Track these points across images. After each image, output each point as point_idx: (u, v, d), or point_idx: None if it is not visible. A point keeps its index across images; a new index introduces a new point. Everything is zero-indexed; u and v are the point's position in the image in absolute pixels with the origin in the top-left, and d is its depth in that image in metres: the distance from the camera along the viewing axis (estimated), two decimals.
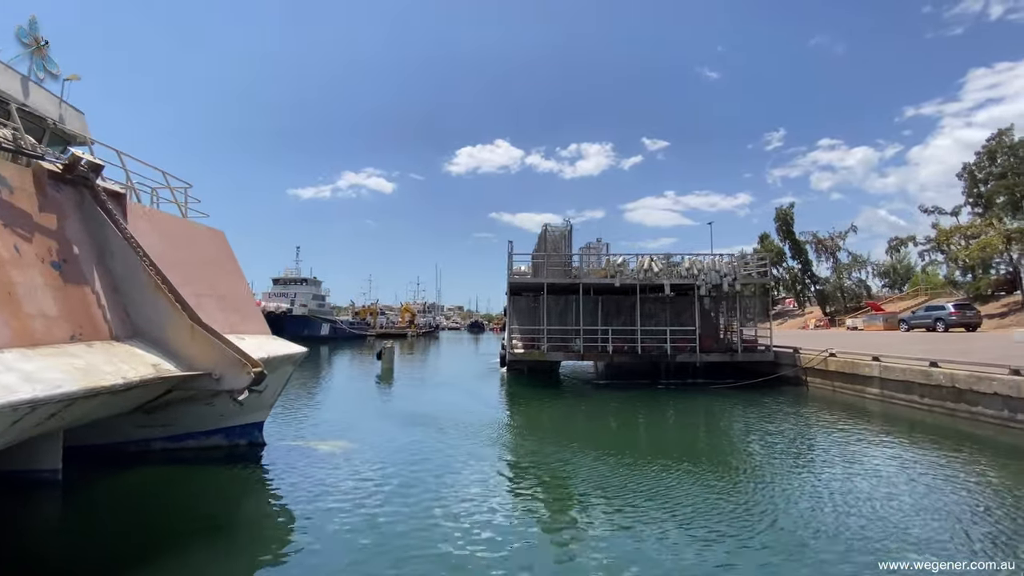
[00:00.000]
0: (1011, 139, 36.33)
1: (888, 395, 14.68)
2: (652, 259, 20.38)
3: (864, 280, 50.66)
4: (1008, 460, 9.20)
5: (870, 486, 7.58)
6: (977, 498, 7.08)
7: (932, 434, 11.47)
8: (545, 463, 8.98)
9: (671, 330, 20.17)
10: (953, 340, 23.01)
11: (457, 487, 7.49)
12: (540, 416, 14.40)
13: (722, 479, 7.98)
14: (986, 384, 11.68)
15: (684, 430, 13.22)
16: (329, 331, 63.54)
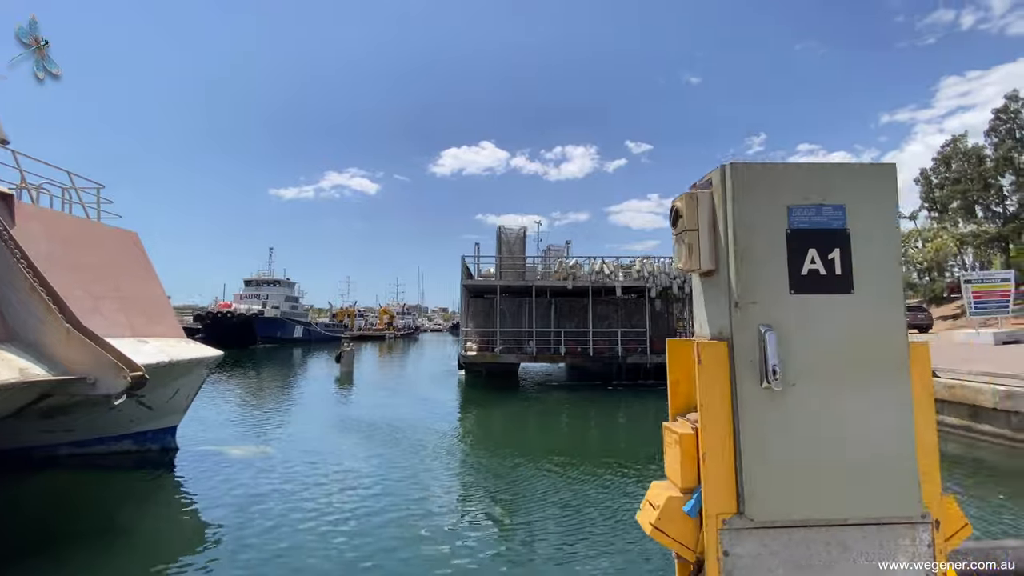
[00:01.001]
0: (965, 146, 37.49)
1: None
2: (604, 262, 20.56)
3: None
4: None
5: None
6: None
7: None
8: (484, 470, 8.94)
9: (623, 332, 20.38)
10: None
11: (375, 494, 7.39)
12: (489, 420, 14.26)
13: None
14: None
15: (632, 431, 13.36)
16: (303, 333, 62.72)
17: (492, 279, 21.26)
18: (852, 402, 1.10)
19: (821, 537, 1.07)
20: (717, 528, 1.06)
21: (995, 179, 34.01)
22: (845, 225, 1.16)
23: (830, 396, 1.10)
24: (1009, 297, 19.60)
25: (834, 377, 1.10)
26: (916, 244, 38.08)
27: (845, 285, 1.14)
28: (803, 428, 1.08)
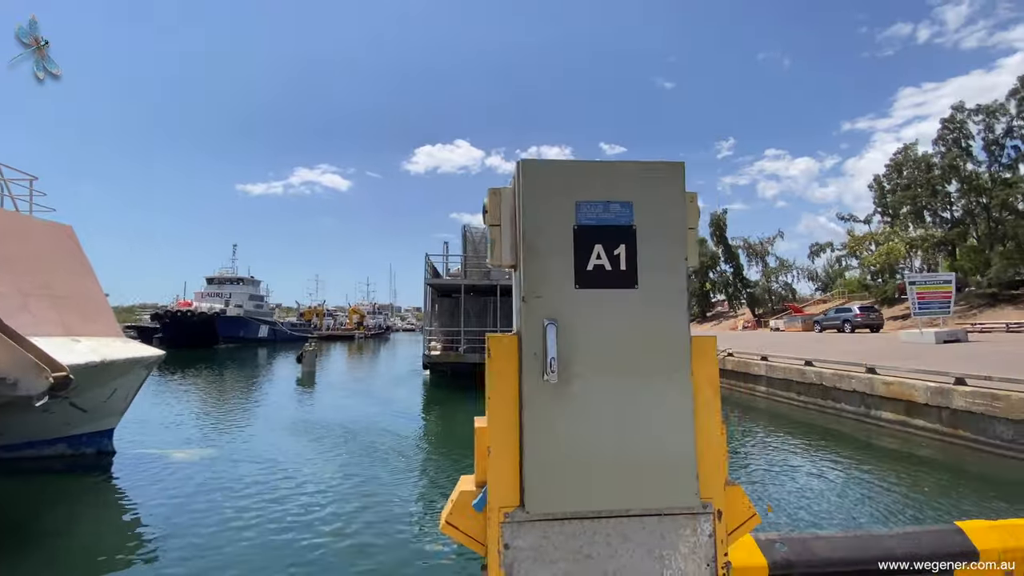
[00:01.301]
0: (915, 154, 39.21)
1: (772, 392, 15.50)
2: None
3: (790, 283, 53.43)
4: (854, 452, 9.92)
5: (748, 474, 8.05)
6: (830, 483, 7.60)
7: (804, 428, 12.23)
8: (439, 472, 8.83)
9: None
10: (851, 340, 24.59)
11: (321, 499, 7.22)
12: (451, 421, 13.96)
13: None
14: (846, 381, 12.50)
15: None
16: (268, 333, 61.27)
17: (458, 278, 21.19)
18: (634, 395, 1.13)
19: (602, 528, 1.09)
20: (499, 521, 1.07)
21: (942, 186, 35.69)
22: (632, 222, 1.19)
23: (612, 389, 1.12)
24: (950, 298, 20.61)
25: (617, 370, 1.13)
26: (869, 247, 39.70)
27: (630, 280, 1.16)
28: (584, 421, 1.10)
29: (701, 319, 63.64)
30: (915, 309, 20.78)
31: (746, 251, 55.56)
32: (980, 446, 9.22)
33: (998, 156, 32.61)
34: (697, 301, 65.05)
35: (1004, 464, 8.60)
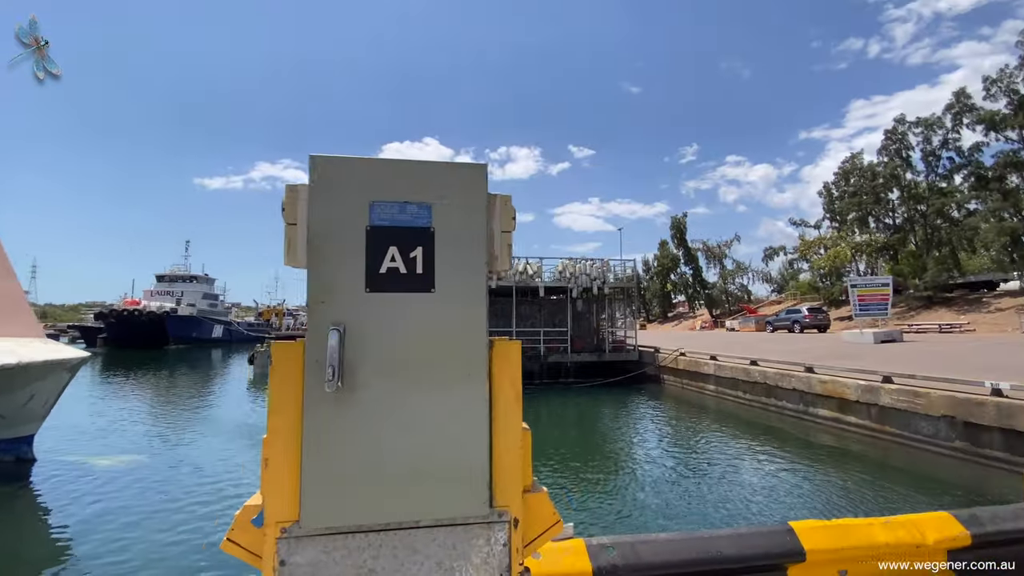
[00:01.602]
0: (861, 163, 41.20)
1: (721, 391, 15.97)
2: (528, 262, 20.77)
3: (745, 285, 55.30)
4: (789, 448, 10.31)
5: (699, 468, 8.29)
6: (767, 476, 7.84)
7: (746, 426, 12.64)
8: None
9: (544, 331, 20.70)
10: (798, 340, 25.63)
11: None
12: None
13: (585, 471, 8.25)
14: (787, 380, 12.99)
15: (551, 429, 13.47)
16: (223, 333, 59.11)
17: None
18: (426, 401, 1.10)
19: (389, 541, 1.05)
20: (275, 537, 1.02)
21: (884, 194, 37.61)
22: (430, 224, 1.16)
23: (402, 396, 1.09)
24: (888, 300, 21.73)
25: (409, 376, 1.10)
26: (819, 251, 41.49)
27: (426, 284, 1.13)
28: (370, 430, 1.06)
29: (662, 319, 65.08)
30: (856, 310, 21.83)
31: (705, 254, 57.21)
32: (904, 441, 9.73)
33: (935, 166, 34.68)
34: (659, 302, 66.55)
35: (924, 458, 9.10)
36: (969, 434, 8.59)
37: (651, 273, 66.44)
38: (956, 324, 26.05)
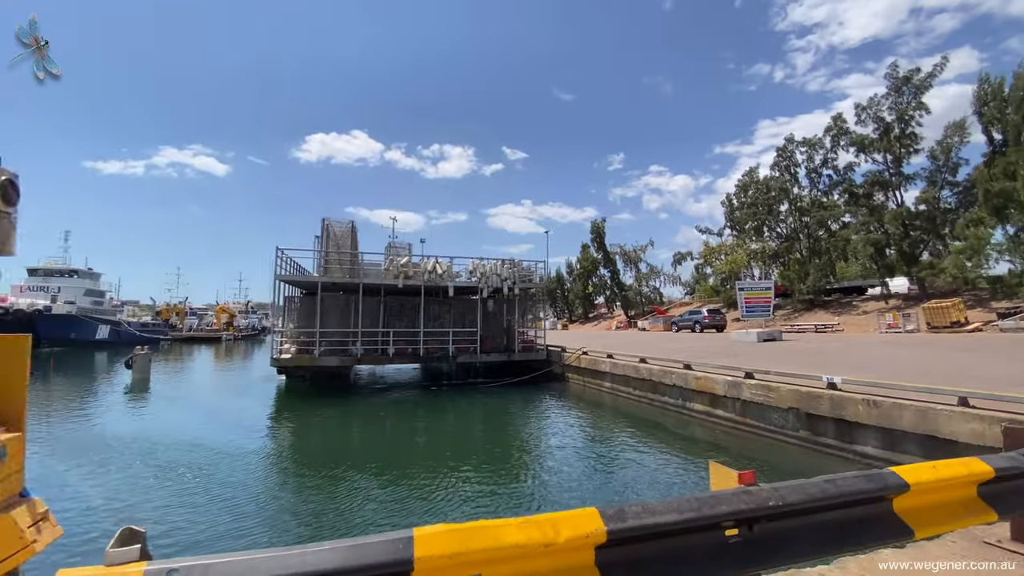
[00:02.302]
0: (757, 177, 44.78)
1: (615, 388, 16.62)
2: (437, 261, 20.48)
3: (658, 288, 58.37)
4: (670, 440, 10.85)
5: (593, 458, 8.31)
6: (644, 464, 8.09)
7: (631, 421, 13.20)
8: (273, 494, 7.87)
9: (455, 332, 20.52)
10: (696, 339, 27.36)
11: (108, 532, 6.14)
12: (302, 431, 12.80)
13: (485, 471, 8.01)
14: (668, 377, 13.74)
15: (461, 430, 13.22)
16: (109, 334, 53.18)
17: (316, 276, 19.99)
18: None
19: None
20: None
21: (776, 206, 41.14)
22: None
23: None
24: (771, 303, 23.78)
25: None
26: (720, 257, 44.63)
27: None
28: None
29: (584, 320, 66.99)
30: (743, 312, 23.67)
31: (622, 258, 59.79)
32: (761, 432, 10.59)
33: (817, 183, 38.47)
34: (581, 303, 68.57)
35: (772, 447, 9.93)
36: (810, 424, 9.49)
37: (574, 275, 68.42)
38: (829, 325, 28.99)
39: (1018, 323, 20.60)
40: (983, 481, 2.37)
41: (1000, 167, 22.76)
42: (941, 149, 30.09)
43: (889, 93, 31.11)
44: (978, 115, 25.59)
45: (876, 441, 8.27)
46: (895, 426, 7.88)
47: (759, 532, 1.93)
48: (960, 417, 7.00)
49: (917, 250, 30.67)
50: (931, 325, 22.91)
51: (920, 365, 12.15)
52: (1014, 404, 6.71)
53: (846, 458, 8.70)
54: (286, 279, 18.85)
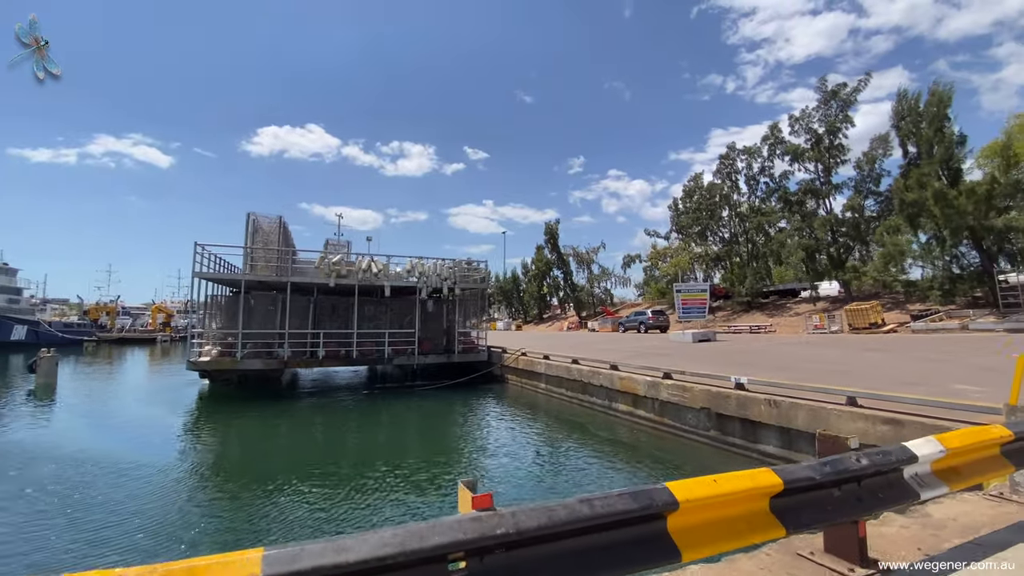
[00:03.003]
0: (702, 183, 46.19)
1: (550, 389, 16.55)
2: (372, 260, 19.85)
3: (609, 289, 59.36)
4: (591, 441, 10.78)
5: (527, 458, 8.02)
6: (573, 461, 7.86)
7: (562, 423, 13.10)
8: (178, 509, 7.16)
9: (390, 333, 19.94)
10: (638, 339, 27.82)
11: None
12: (223, 443, 11.88)
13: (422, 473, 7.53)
14: (596, 377, 13.76)
15: (383, 434, 12.66)
16: (26, 335, 49.17)
17: (243, 274, 18.96)
18: None
19: None
20: None
21: (718, 211, 42.53)
22: None
23: None
24: (706, 304, 24.46)
25: None
26: (666, 260, 45.75)
27: None
28: None
29: (539, 320, 67.25)
30: (680, 313, 24.24)
31: (576, 259, 60.46)
32: (677, 432, 10.69)
33: (755, 189, 40.10)
34: (535, 303, 68.82)
35: (684, 447, 10.03)
36: (720, 424, 9.64)
37: (529, 276, 68.61)
38: (763, 326, 30.16)
39: (927, 324, 22.01)
40: (775, 494, 2.25)
41: (914, 178, 24.31)
42: (866, 160, 31.92)
43: (819, 106, 32.75)
44: (895, 129, 27.30)
45: (777, 440, 8.46)
46: (792, 425, 8.06)
47: (489, 564, 1.70)
48: (848, 416, 7.20)
49: (844, 255, 32.39)
50: (852, 326, 24.17)
51: (832, 363, 12.65)
52: (895, 403, 6.96)
53: (751, 457, 8.85)
54: (206, 276, 17.75)
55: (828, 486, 2.36)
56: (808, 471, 2.36)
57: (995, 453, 3.13)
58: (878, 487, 2.52)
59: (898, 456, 2.63)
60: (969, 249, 24.69)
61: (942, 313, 23.54)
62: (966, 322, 21.05)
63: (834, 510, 2.37)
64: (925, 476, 2.72)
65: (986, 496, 3.66)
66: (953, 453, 2.77)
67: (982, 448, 2.96)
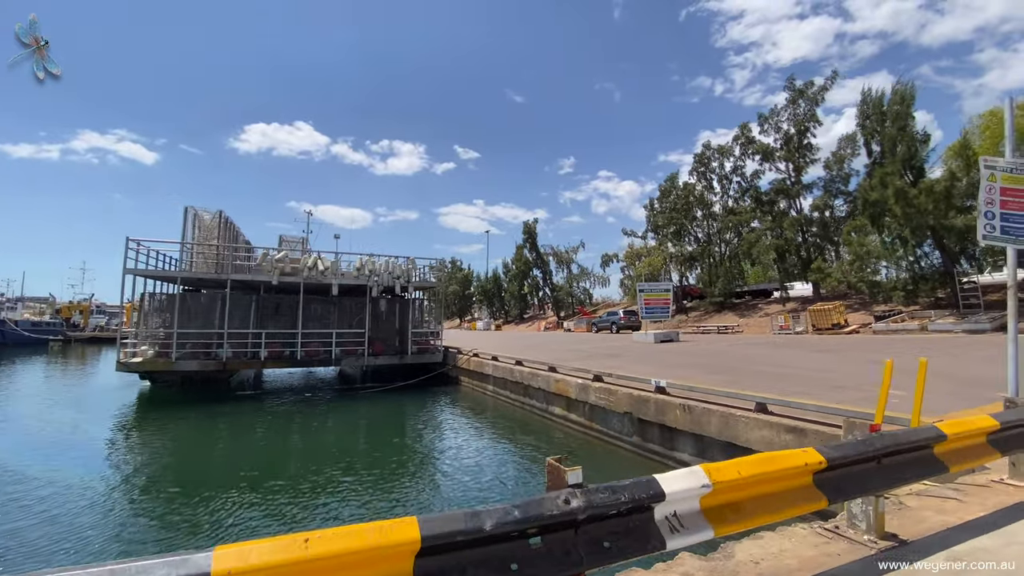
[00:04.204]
0: (678, 183, 45.93)
1: (496, 391, 15.99)
2: (320, 257, 19.15)
3: (588, 288, 58.99)
4: (527, 447, 10.21)
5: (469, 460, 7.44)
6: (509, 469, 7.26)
7: (503, 427, 12.55)
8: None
9: (338, 333, 19.24)
10: (603, 339, 27.39)
11: None
12: (145, 448, 11.07)
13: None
14: (536, 379, 13.21)
15: (321, 440, 11.96)
16: None
17: (178, 270, 18.16)
18: None
19: None
20: None
21: (693, 210, 42.28)
22: None
23: None
24: (669, 304, 24.04)
25: None
26: (641, 259, 45.41)
27: None
28: None
29: (519, 320, 66.72)
30: (643, 313, 23.80)
31: (555, 259, 60.02)
32: (603, 437, 10.18)
33: (727, 189, 39.91)
34: (516, 303, 68.28)
35: (608, 454, 9.53)
36: (641, 429, 9.13)
37: (509, 276, 68.01)
38: (730, 326, 29.88)
39: (888, 325, 21.80)
40: None
41: (878, 177, 24.12)
42: (835, 160, 31.79)
43: (787, 105, 32.57)
44: (860, 127, 27.14)
45: (692, 448, 7.97)
46: (705, 432, 7.57)
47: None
48: (755, 424, 6.72)
49: (813, 255, 32.24)
50: (816, 327, 23.92)
51: (777, 365, 12.20)
52: (803, 411, 6.49)
53: (668, 466, 8.36)
54: (138, 273, 16.93)
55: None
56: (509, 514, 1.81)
57: (807, 482, 2.60)
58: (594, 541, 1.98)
59: (639, 494, 2.09)
60: (932, 249, 24.57)
61: (905, 314, 23.37)
62: (926, 323, 20.86)
63: None
64: (682, 517, 2.18)
65: (818, 530, 3.14)
66: (719, 489, 2.24)
67: (773, 480, 2.42)
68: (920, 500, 3.53)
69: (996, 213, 4.36)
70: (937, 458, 3.01)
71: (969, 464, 3.21)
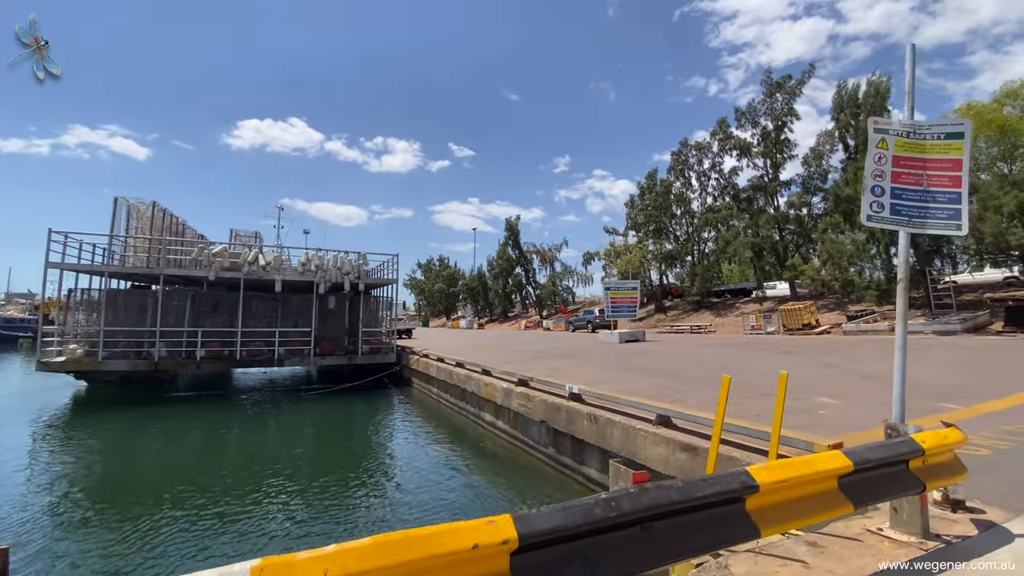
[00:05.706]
0: (657, 181, 45.17)
1: (441, 394, 15.14)
2: (260, 252, 18.21)
3: (571, 287, 58.17)
4: (454, 451, 9.38)
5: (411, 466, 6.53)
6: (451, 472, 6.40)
7: (447, 430, 11.70)
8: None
9: (282, 332, 18.33)
10: (574, 338, 26.61)
11: None
12: (66, 454, 10.23)
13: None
14: (470, 383, 12.36)
15: (256, 447, 11.07)
16: None
17: (105, 264, 17.18)
18: None
19: None
20: None
21: (672, 208, 41.55)
22: None
23: None
24: (636, 303, 23.27)
25: None
26: (621, 257, 44.67)
27: None
28: None
29: (503, 319, 65.85)
30: (609, 311, 23.01)
31: (538, 257, 59.16)
32: (525, 447, 9.36)
33: (706, 186, 39.17)
34: (500, 301, 67.41)
35: (532, 466, 8.71)
36: (555, 440, 8.32)
37: (493, 274, 67.08)
38: (703, 326, 29.18)
39: (858, 326, 21.12)
40: None
41: (852, 172, 23.45)
42: (814, 156, 31.10)
43: (764, 99, 31.85)
44: (835, 121, 26.45)
45: (598, 463, 7.15)
46: (608, 446, 6.76)
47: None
48: (652, 439, 5.92)
49: (790, 253, 31.57)
50: (786, 327, 23.23)
51: (726, 367, 11.37)
52: (702, 426, 5.67)
53: (576, 481, 7.55)
54: (61, 266, 15.95)
55: None
56: None
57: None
58: None
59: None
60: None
61: (877, 314, 22.72)
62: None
63: None
64: None
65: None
66: None
67: None
68: (756, 564, 2.70)
69: (886, 188, 3.50)
70: (749, 515, 2.10)
71: (800, 522, 2.32)
